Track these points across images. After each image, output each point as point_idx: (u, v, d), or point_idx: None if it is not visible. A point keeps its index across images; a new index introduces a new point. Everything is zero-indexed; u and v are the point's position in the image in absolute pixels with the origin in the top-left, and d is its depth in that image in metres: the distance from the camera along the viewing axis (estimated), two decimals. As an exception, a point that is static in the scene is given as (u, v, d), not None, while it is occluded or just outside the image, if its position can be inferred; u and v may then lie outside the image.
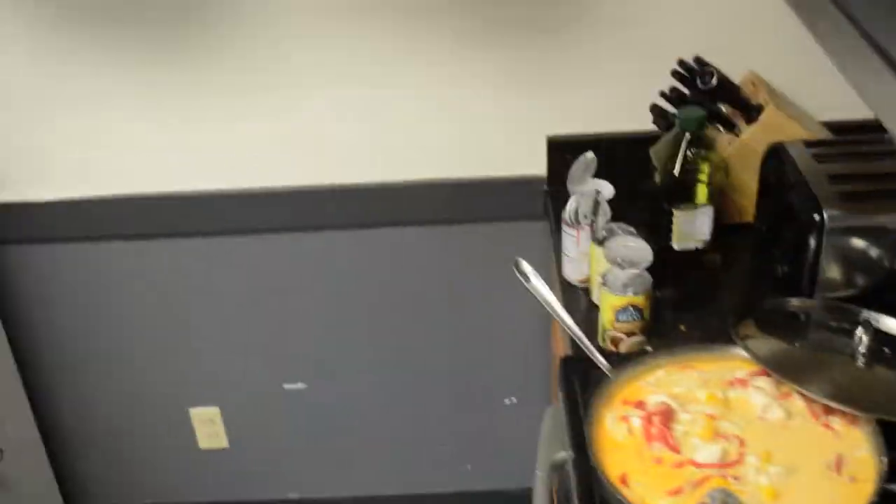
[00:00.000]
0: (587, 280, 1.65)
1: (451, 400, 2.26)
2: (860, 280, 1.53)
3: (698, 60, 1.72)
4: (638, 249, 1.48)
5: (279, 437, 2.31)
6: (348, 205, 1.99)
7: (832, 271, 1.52)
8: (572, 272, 1.67)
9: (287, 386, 2.23)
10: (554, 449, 1.43)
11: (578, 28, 1.82)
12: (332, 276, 2.09)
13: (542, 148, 1.93)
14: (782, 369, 1.32)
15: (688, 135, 1.57)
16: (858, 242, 1.51)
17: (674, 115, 1.65)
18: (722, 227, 1.75)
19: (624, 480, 1.21)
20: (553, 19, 1.81)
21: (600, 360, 1.41)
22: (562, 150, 1.90)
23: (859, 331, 1.39)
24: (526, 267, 1.50)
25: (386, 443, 2.33)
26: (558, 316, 1.49)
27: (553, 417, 1.48)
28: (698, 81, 1.68)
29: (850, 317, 1.45)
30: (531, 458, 1.42)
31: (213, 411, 2.25)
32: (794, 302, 1.52)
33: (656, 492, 1.20)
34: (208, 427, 2.26)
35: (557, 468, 1.43)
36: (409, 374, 2.23)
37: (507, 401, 2.26)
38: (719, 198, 1.73)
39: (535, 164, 1.96)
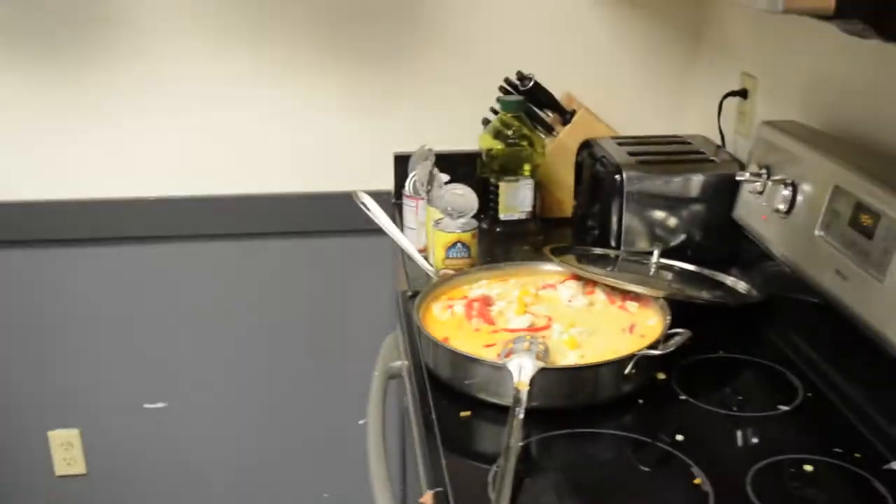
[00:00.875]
0: (426, 249, 1.83)
1: (307, 420, 2.35)
2: (655, 237, 1.77)
3: (519, 74, 2.01)
4: (466, 197, 1.69)
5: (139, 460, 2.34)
6: (207, 215, 2.15)
7: (633, 229, 1.76)
8: (413, 242, 1.86)
9: (147, 405, 2.28)
10: (390, 359, 1.58)
11: (420, 56, 2.10)
12: (189, 288, 2.22)
13: (390, 164, 2.16)
14: (588, 270, 1.53)
15: (509, 116, 1.82)
16: (652, 201, 1.76)
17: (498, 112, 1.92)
18: (545, 220, 1.99)
19: (445, 341, 1.37)
20: (397, 49, 2.09)
21: (427, 266, 1.58)
22: (404, 166, 2.13)
23: (653, 256, 1.62)
24: (365, 198, 1.68)
25: (250, 467, 2.38)
26: (394, 236, 1.66)
27: (391, 339, 1.63)
28: (519, 86, 1.96)
29: (647, 260, 1.68)
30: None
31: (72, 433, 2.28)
32: (600, 249, 1.75)
33: (474, 346, 1.35)
34: (66, 451, 2.28)
35: (393, 375, 1.57)
36: (268, 391, 2.32)
37: (361, 422, 2.35)
38: (540, 192, 1.97)
39: (384, 180, 2.17)
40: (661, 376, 1.37)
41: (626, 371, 1.29)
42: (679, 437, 1.24)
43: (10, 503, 2.34)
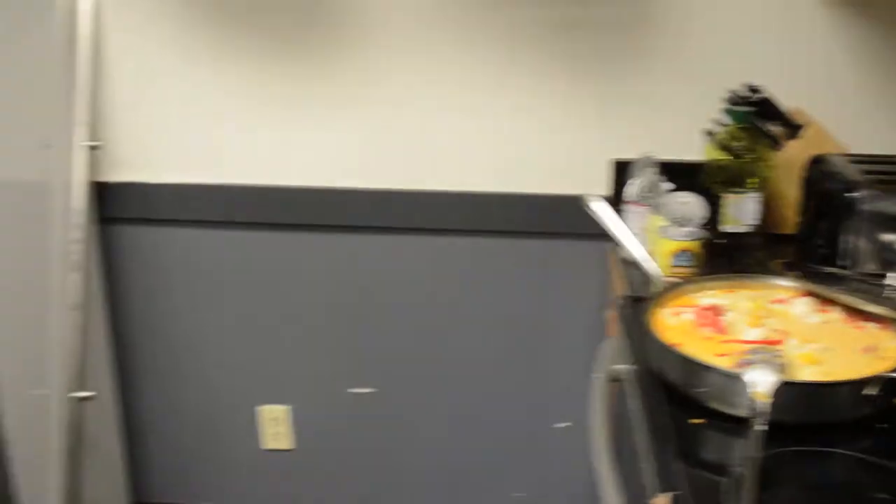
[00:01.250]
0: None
1: (504, 421, 2.38)
2: (890, 262, 1.70)
3: (749, 86, 1.97)
4: (693, 206, 1.68)
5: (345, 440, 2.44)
6: (427, 210, 2.22)
7: (865, 250, 1.70)
8: (634, 223, 1.85)
9: (354, 390, 2.37)
10: (612, 363, 1.59)
11: (640, 64, 2.10)
12: (406, 281, 2.29)
13: (602, 169, 2.16)
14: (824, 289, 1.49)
15: (740, 127, 1.80)
16: (888, 223, 1.69)
17: (723, 124, 1.90)
18: (767, 235, 1.95)
19: (678, 346, 1.36)
20: (618, 54, 2.09)
21: (654, 268, 1.58)
22: (623, 173, 2.13)
23: (890, 277, 1.56)
24: (595, 201, 1.69)
25: (445, 459, 2.44)
26: (622, 240, 1.65)
27: (610, 343, 1.64)
28: (749, 97, 1.92)
29: (880, 281, 1.62)
30: (584, 482, 1.53)
31: (280, 409, 2.39)
32: (832, 269, 1.70)
33: (705, 355, 1.34)
34: (274, 427, 2.39)
35: (615, 379, 1.57)
36: (468, 387, 2.37)
37: (558, 425, 2.37)
38: (766, 207, 1.94)
39: (596, 185, 2.18)
40: (901, 386, 1.32)
41: (866, 391, 1.25)
42: (925, 466, 1.19)
43: (221, 473, 2.47)
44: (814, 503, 1.15)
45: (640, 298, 1.64)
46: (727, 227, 1.82)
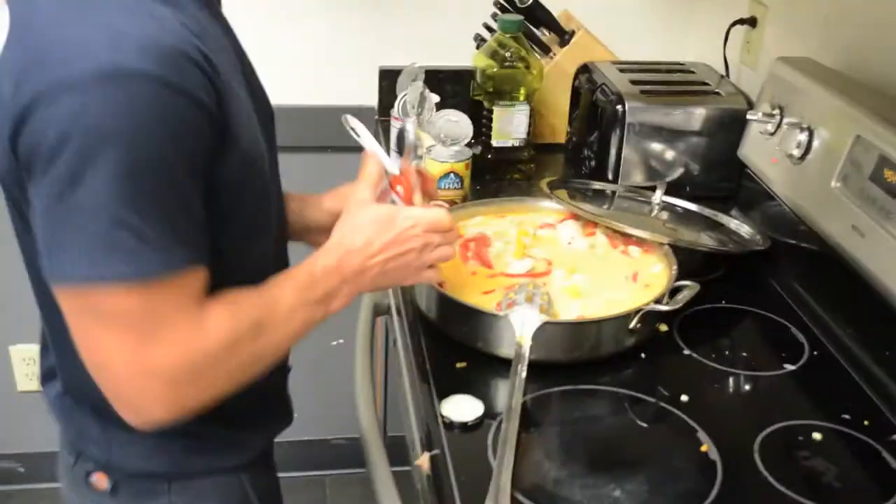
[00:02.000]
0: (413, 174, 1.74)
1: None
2: (655, 171, 1.70)
3: (518, -11, 1.89)
4: (460, 125, 1.60)
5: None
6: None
7: (632, 161, 1.69)
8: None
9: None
10: (378, 296, 1.51)
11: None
12: None
13: (374, 80, 2.04)
14: (588, 209, 1.45)
15: (507, 37, 1.72)
16: (654, 133, 1.68)
17: (494, 30, 1.81)
18: (537, 146, 1.91)
19: (442, 286, 1.29)
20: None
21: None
22: (392, 81, 2.02)
23: (654, 196, 1.55)
24: (354, 122, 1.58)
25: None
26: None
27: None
28: (517, 2, 1.84)
29: (647, 196, 1.61)
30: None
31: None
32: (598, 183, 1.67)
33: (471, 293, 1.29)
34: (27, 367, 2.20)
35: (381, 312, 1.50)
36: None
37: (334, 342, 2.30)
38: (533, 116, 1.89)
39: (368, 96, 2.06)
40: (663, 328, 1.32)
41: (631, 326, 1.23)
42: (684, 398, 1.19)
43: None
44: (579, 445, 1.13)
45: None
46: (496, 141, 1.76)
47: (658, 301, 1.25)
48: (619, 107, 1.66)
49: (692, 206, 1.61)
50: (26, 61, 0.85)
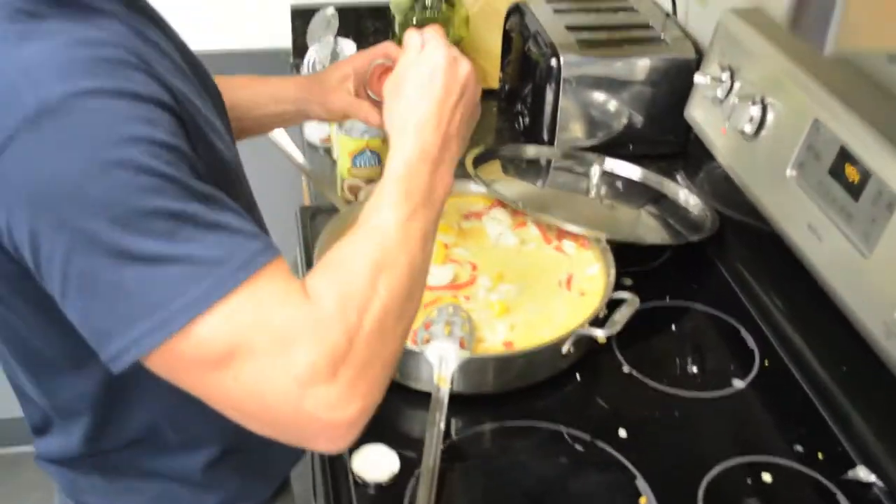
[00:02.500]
0: (329, 139, 1.58)
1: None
2: (595, 128, 1.54)
3: (440, -82, 1.68)
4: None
5: None
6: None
7: (569, 119, 1.53)
8: (313, 131, 1.59)
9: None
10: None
11: None
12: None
13: (287, 18, 1.84)
14: (517, 200, 1.30)
15: (427, -17, 1.53)
16: (592, 88, 1.52)
17: (414, -31, 1.61)
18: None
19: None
20: None
21: (334, 199, 1.35)
22: (306, 20, 1.82)
23: (593, 169, 1.40)
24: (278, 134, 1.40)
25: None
26: (290, 157, 1.40)
27: (294, 267, 1.41)
28: (440, -65, 1.64)
29: (584, 160, 1.46)
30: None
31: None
32: (533, 149, 1.51)
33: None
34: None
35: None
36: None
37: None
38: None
39: (281, 36, 1.86)
40: (602, 339, 1.18)
41: (564, 351, 1.10)
42: (622, 433, 1.07)
43: None
44: (508, 494, 1.01)
45: (318, 211, 1.41)
46: (420, 99, 1.58)
47: (593, 322, 1.11)
48: (553, 60, 1.48)
49: (635, 174, 1.46)
50: None
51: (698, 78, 1.37)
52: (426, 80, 0.88)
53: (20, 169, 0.68)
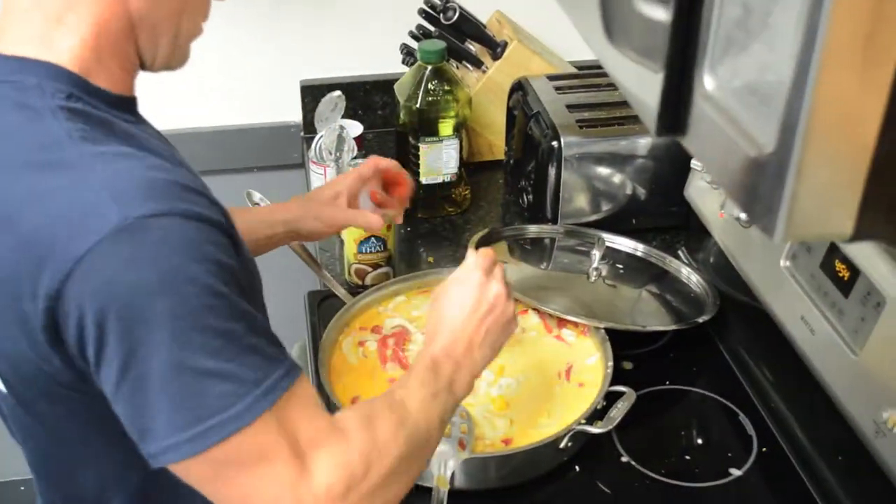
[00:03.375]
0: (338, 219, 1.61)
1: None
2: (598, 204, 1.57)
3: (442, 1, 1.72)
4: (379, 179, 1.45)
5: None
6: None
7: (572, 196, 1.56)
8: (322, 212, 1.63)
9: None
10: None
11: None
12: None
13: (296, 93, 1.88)
14: (516, 288, 1.32)
15: (429, 67, 1.56)
16: (594, 167, 1.54)
17: (420, 38, 1.66)
18: (474, 165, 1.77)
19: (355, 402, 1.18)
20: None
21: (335, 284, 1.38)
22: (316, 96, 1.86)
23: (594, 251, 1.42)
24: (256, 196, 1.45)
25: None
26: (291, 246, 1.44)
27: (300, 350, 1.45)
28: (441, 17, 1.68)
29: (586, 239, 1.49)
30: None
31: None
32: (535, 228, 1.54)
33: (388, 410, 1.17)
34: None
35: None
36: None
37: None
38: (468, 134, 1.74)
39: (292, 111, 1.91)
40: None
41: (562, 446, 1.13)
42: (620, 528, 1.10)
43: None
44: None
45: (328, 297, 1.44)
46: (426, 178, 1.61)
47: (591, 416, 1.14)
48: (554, 142, 1.52)
49: (637, 250, 1.49)
50: (25, 254, 0.77)
51: (694, 164, 1.39)
52: (461, 294, 1.01)
53: (99, 275, 0.74)
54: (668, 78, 0.66)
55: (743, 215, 1.28)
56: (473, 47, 1.75)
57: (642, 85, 0.70)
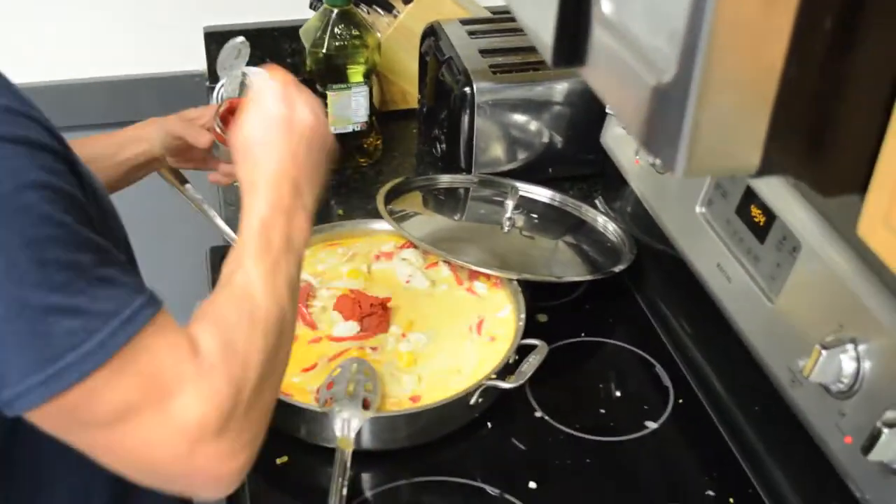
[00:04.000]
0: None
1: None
2: (513, 152, 1.52)
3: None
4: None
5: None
6: None
7: (486, 145, 1.50)
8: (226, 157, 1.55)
9: None
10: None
11: None
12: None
13: (201, 41, 1.79)
14: (426, 240, 1.28)
15: (335, 11, 1.48)
16: (508, 114, 1.49)
17: (324, -6, 1.58)
18: (387, 114, 1.71)
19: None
20: None
21: (232, 235, 1.31)
22: (221, 43, 1.77)
23: (507, 202, 1.37)
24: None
25: None
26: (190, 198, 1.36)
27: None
28: (349, -42, 1.60)
29: (501, 188, 1.44)
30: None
31: None
32: (448, 178, 1.49)
33: (290, 370, 1.11)
34: None
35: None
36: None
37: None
38: (380, 82, 1.68)
39: (196, 59, 1.81)
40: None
41: (472, 402, 1.08)
42: (532, 485, 1.06)
43: None
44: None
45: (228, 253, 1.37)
46: (335, 128, 1.54)
47: (502, 370, 1.10)
48: (466, 88, 1.46)
49: (553, 200, 1.45)
50: None
51: (609, 109, 1.35)
52: (267, 135, 0.89)
53: None
54: (563, 2, 0.60)
55: (651, 158, 1.24)
56: (384, -7, 1.68)
57: (539, 13, 0.65)
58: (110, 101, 1.82)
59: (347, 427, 1.02)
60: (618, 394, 1.20)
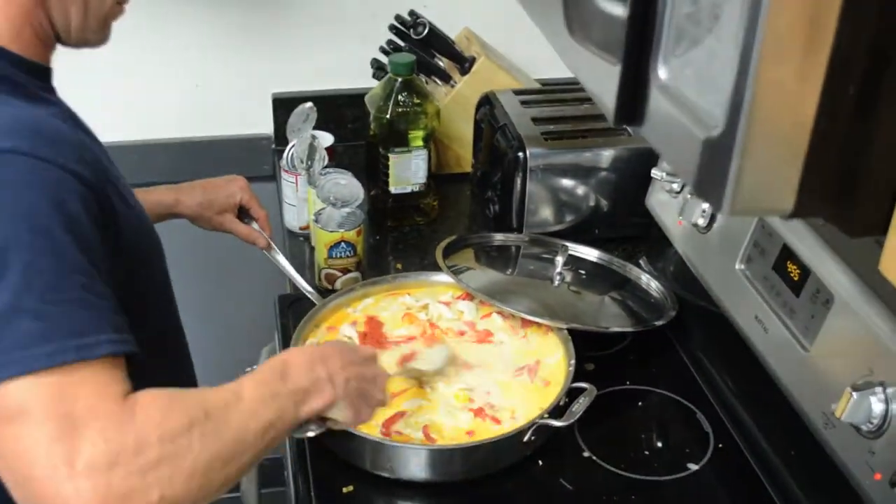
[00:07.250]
0: (307, 227, 1.65)
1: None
2: (561, 214, 1.62)
3: (412, 14, 1.77)
4: (349, 187, 1.49)
5: None
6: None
7: (537, 206, 1.60)
8: (293, 219, 1.67)
9: None
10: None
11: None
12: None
13: (269, 107, 1.92)
14: (482, 291, 1.37)
15: (399, 80, 1.60)
16: (558, 178, 1.59)
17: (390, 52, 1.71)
18: (442, 177, 1.81)
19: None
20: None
21: (305, 286, 1.41)
22: (288, 109, 1.90)
23: (557, 258, 1.47)
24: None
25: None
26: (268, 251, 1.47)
27: (270, 353, 1.48)
28: (411, 32, 1.73)
29: (551, 247, 1.53)
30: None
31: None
32: (500, 236, 1.59)
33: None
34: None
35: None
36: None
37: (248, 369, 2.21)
38: (437, 147, 1.79)
39: (264, 123, 1.94)
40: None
41: (525, 439, 1.16)
42: (581, 520, 1.13)
43: None
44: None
45: (298, 299, 1.47)
46: (395, 188, 1.65)
47: (553, 411, 1.18)
48: (520, 153, 1.56)
49: (600, 259, 1.54)
50: None
51: (655, 173, 1.44)
52: (340, 346, 1.11)
53: None
54: (625, 70, 0.71)
55: (701, 221, 1.34)
56: (442, 62, 1.80)
57: (602, 78, 0.75)
58: (181, 162, 1.94)
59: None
60: (660, 437, 1.28)
